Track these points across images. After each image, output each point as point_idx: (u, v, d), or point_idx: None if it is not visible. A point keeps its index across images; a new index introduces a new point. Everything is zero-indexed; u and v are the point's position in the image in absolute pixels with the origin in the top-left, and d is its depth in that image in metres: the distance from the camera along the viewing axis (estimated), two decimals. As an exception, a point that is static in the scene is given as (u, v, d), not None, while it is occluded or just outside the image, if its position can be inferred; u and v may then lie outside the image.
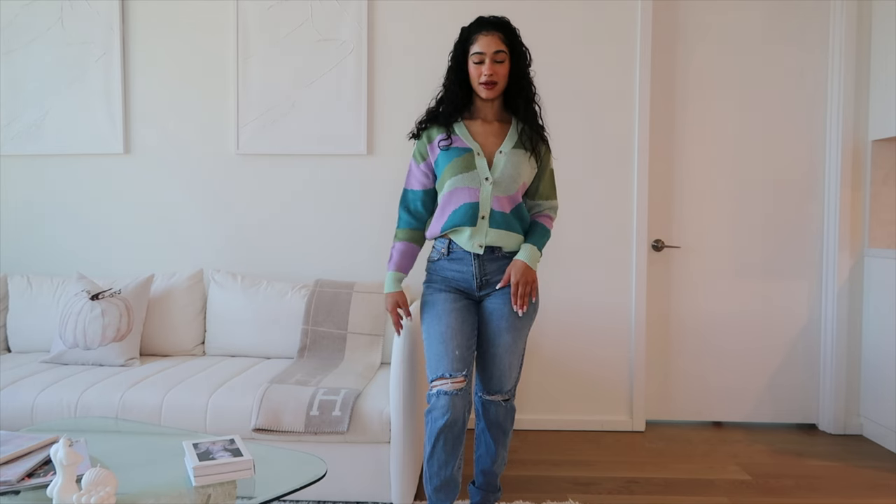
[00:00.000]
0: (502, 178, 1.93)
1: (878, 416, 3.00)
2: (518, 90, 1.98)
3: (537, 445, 2.93)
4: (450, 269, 2.00)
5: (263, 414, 2.16)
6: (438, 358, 1.91)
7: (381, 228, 3.08)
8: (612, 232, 3.13)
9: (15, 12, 3.11)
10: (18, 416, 2.22)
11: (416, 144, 2.05)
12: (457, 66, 1.98)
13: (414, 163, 2.05)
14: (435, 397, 1.89)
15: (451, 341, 1.91)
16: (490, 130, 2.00)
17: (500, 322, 1.96)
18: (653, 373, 3.22)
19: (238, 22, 3.05)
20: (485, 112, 2.01)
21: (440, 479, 1.93)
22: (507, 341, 1.96)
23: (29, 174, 3.18)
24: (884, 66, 2.98)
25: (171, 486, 1.48)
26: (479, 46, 1.91)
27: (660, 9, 3.11)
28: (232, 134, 3.11)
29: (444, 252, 2.00)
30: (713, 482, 2.54)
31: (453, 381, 1.88)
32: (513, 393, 2.05)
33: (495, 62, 1.91)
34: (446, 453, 1.91)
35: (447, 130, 1.98)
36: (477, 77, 1.93)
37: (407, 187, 2.07)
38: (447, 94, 2.01)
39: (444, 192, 1.97)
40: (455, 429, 1.89)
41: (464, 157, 1.94)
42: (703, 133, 3.17)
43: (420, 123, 2.04)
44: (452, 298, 1.98)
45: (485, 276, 1.97)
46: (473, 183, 1.92)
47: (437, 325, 1.95)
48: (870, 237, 3.07)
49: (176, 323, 2.83)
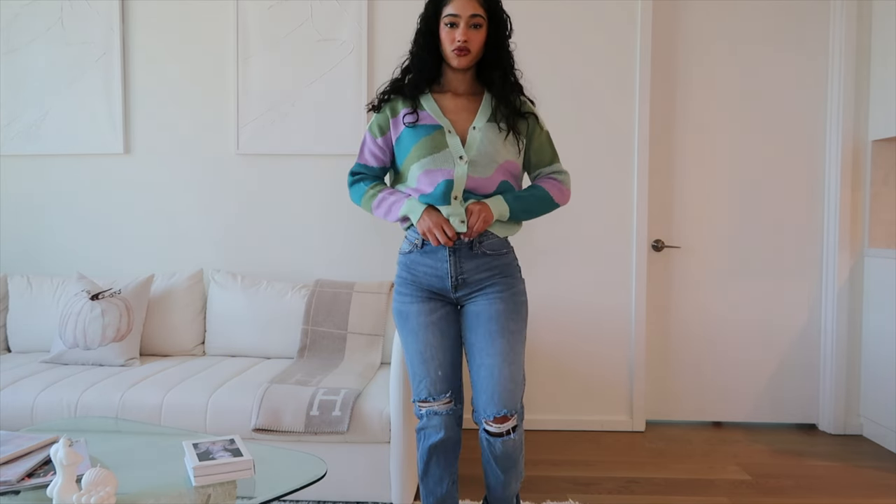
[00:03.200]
0: (479, 156, 1.70)
1: (878, 416, 3.00)
2: (495, 61, 1.75)
3: (537, 445, 2.93)
4: (422, 265, 1.76)
5: (263, 414, 2.16)
6: (420, 379, 1.74)
7: (382, 228, 3.08)
8: (612, 232, 3.13)
9: (15, 12, 3.11)
10: (18, 416, 2.22)
11: (374, 116, 1.81)
12: (426, 30, 1.74)
13: (370, 135, 1.82)
14: (426, 417, 1.75)
15: (433, 361, 1.72)
16: (461, 105, 1.77)
17: (490, 325, 1.71)
18: (653, 373, 3.22)
19: (238, 22, 3.05)
20: (455, 84, 1.78)
21: (435, 497, 1.79)
22: (502, 347, 1.69)
23: (29, 174, 3.17)
24: (884, 66, 2.98)
25: (171, 486, 1.48)
26: (452, 8, 1.68)
27: (660, 9, 3.11)
28: (232, 134, 3.11)
29: (418, 244, 1.76)
30: (713, 482, 2.54)
31: (439, 404, 1.74)
32: (521, 417, 1.74)
33: (471, 27, 1.68)
34: (441, 469, 1.77)
35: (413, 103, 1.76)
36: (449, 43, 1.69)
37: (360, 162, 1.86)
38: (414, 62, 1.77)
39: (411, 177, 1.74)
40: (448, 445, 1.75)
41: (433, 135, 1.71)
42: (703, 133, 3.17)
43: (382, 94, 1.80)
44: (428, 310, 1.75)
45: (461, 274, 1.73)
46: (446, 164, 1.69)
47: (414, 343, 1.75)
48: (870, 237, 3.07)
49: (176, 323, 2.83)
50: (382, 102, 1.80)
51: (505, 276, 1.76)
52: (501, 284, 1.75)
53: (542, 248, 3.14)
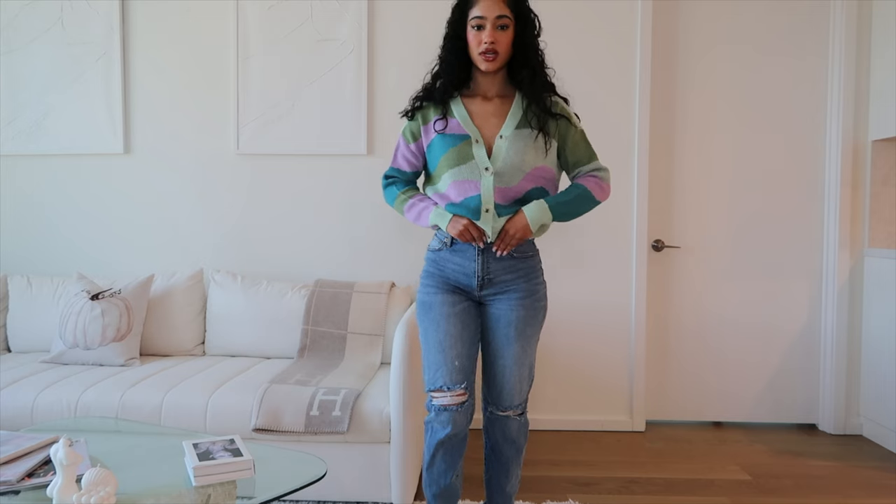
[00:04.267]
0: (504, 167, 1.72)
1: (878, 416, 3.00)
2: (524, 61, 1.74)
3: (537, 445, 2.93)
4: (451, 262, 1.80)
5: (263, 414, 2.16)
6: (436, 368, 1.76)
7: (382, 228, 3.08)
8: (612, 232, 3.13)
9: (15, 12, 3.11)
10: (18, 416, 2.22)
11: (407, 123, 1.85)
12: (454, 34, 1.76)
13: (403, 140, 1.86)
14: (435, 412, 1.77)
15: (451, 350, 1.75)
16: (490, 110, 1.78)
17: (508, 330, 1.77)
18: (653, 373, 3.22)
19: (238, 22, 3.05)
20: (485, 87, 1.79)
21: (439, 486, 1.84)
22: (515, 352, 1.78)
23: (29, 174, 3.18)
24: (884, 66, 2.98)
25: (171, 486, 1.48)
26: (479, 10, 1.69)
27: (660, 9, 3.11)
28: (232, 134, 3.11)
29: (447, 242, 1.80)
30: (713, 482, 2.54)
31: (452, 395, 1.75)
32: (525, 406, 1.86)
33: (498, 28, 1.69)
34: (446, 463, 1.82)
35: (443, 109, 1.79)
36: (476, 46, 1.70)
37: (394, 166, 1.90)
38: (443, 67, 1.79)
39: (442, 184, 1.78)
40: (455, 441, 1.79)
41: (460, 146, 1.74)
42: (704, 133, 3.17)
43: (415, 101, 1.83)
44: (451, 301, 1.79)
45: (487, 274, 1.78)
46: (473, 175, 1.73)
47: (434, 332, 1.78)
48: (870, 237, 3.07)
49: (176, 323, 2.83)
50: (415, 110, 1.83)
51: (528, 280, 1.81)
52: (524, 290, 1.79)
53: (543, 248, 3.12)
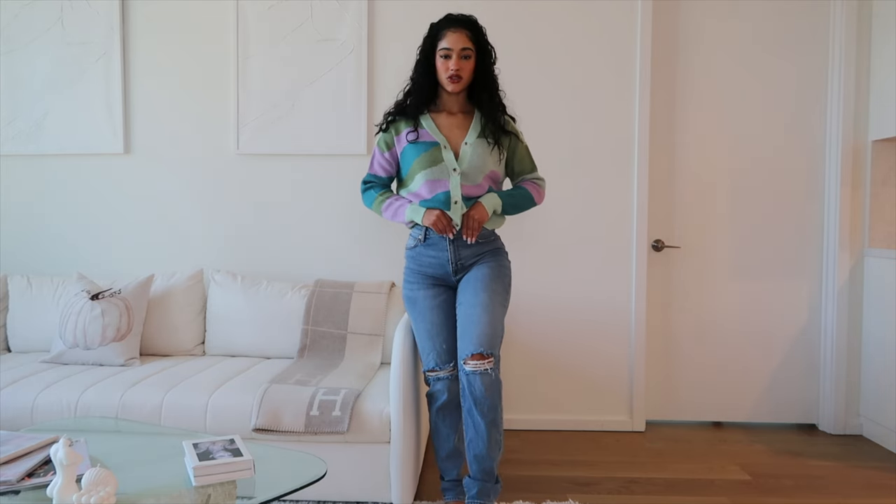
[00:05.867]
0: (470, 168, 2.09)
1: (878, 416, 3.00)
2: (483, 85, 2.11)
3: (537, 445, 2.93)
4: (426, 256, 2.14)
5: (263, 414, 2.16)
6: (428, 352, 2.12)
7: (381, 228, 3.08)
8: (612, 232, 3.13)
9: (15, 12, 3.11)
10: (18, 416, 2.21)
11: (381, 135, 2.18)
12: (425, 60, 2.11)
13: (378, 150, 2.21)
14: (433, 382, 2.12)
15: (438, 337, 2.10)
16: (454, 122, 2.15)
17: (476, 284, 2.08)
18: (653, 373, 3.22)
19: (238, 22, 3.05)
20: (450, 104, 2.16)
21: (446, 449, 2.17)
22: (483, 300, 2.05)
23: (29, 174, 3.18)
24: (884, 66, 2.98)
25: (171, 486, 1.48)
26: (446, 42, 2.05)
27: (660, 9, 3.11)
28: (232, 134, 3.11)
29: (421, 238, 2.14)
30: (713, 482, 2.54)
31: (445, 371, 2.10)
32: (496, 361, 2.02)
33: (462, 58, 2.05)
34: (447, 427, 2.15)
35: (414, 123, 2.13)
36: (444, 71, 2.06)
37: (371, 172, 2.25)
38: (415, 87, 2.14)
39: (415, 184, 2.11)
40: (452, 405, 2.11)
41: (431, 151, 2.09)
42: (704, 133, 3.17)
43: (388, 115, 2.17)
44: (432, 295, 2.14)
45: (460, 260, 2.12)
46: (443, 175, 2.08)
47: (422, 323, 2.14)
48: (870, 237, 3.07)
49: (176, 323, 2.83)
50: (389, 124, 2.17)
51: (494, 255, 2.17)
52: (490, 260, 2.15)
53: (543, 247, 3.14)
